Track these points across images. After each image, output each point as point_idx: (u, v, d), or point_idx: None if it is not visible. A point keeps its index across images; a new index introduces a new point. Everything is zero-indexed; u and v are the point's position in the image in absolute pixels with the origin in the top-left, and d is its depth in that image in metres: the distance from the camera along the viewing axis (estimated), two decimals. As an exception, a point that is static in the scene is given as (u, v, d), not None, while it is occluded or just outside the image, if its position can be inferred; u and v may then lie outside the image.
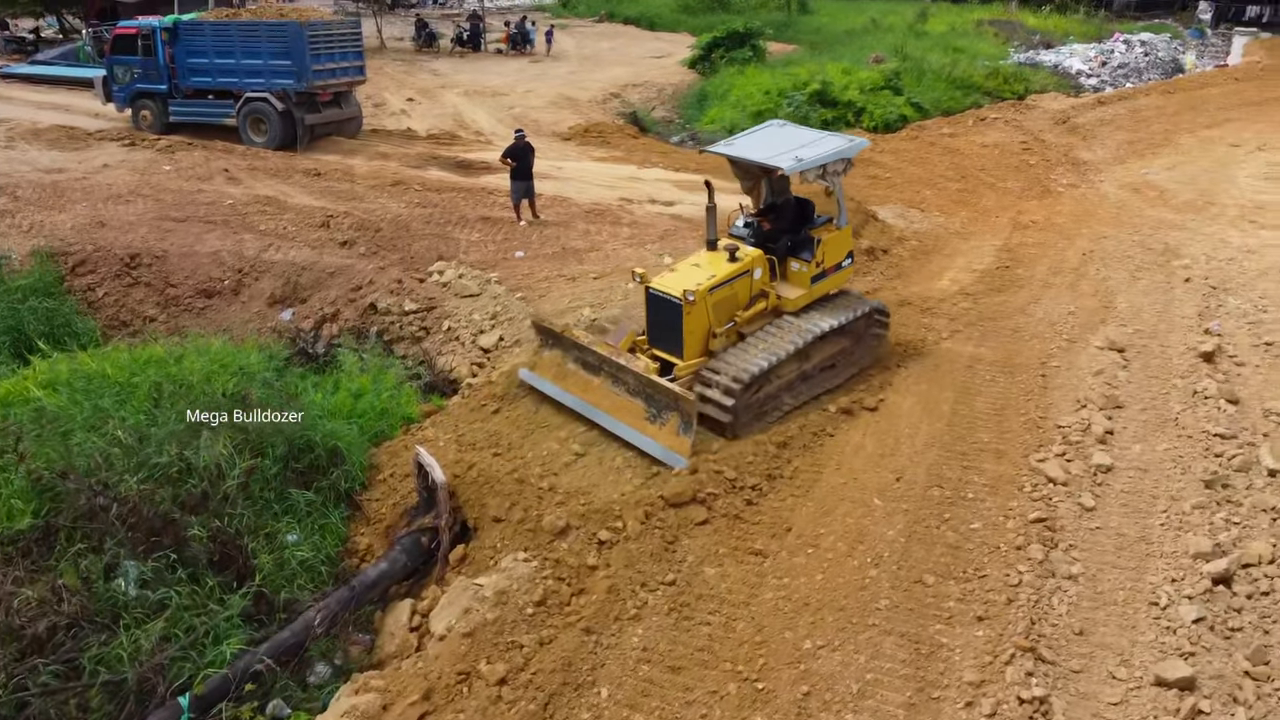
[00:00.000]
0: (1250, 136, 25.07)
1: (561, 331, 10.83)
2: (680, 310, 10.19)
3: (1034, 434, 10.22)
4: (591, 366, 10.52)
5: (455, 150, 21.78)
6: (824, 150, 10.84)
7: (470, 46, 37.42)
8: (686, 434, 9.55)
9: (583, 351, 10.52)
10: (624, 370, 10.06)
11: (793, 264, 11.23)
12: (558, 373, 10.83)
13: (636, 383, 9.97)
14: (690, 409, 9.49)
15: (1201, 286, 14.38)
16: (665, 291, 10.36)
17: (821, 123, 26.99)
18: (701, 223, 17.42)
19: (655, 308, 10.59)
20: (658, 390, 9.73)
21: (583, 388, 10.52)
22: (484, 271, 14.84)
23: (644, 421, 9.88)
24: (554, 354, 11.01)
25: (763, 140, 11.49)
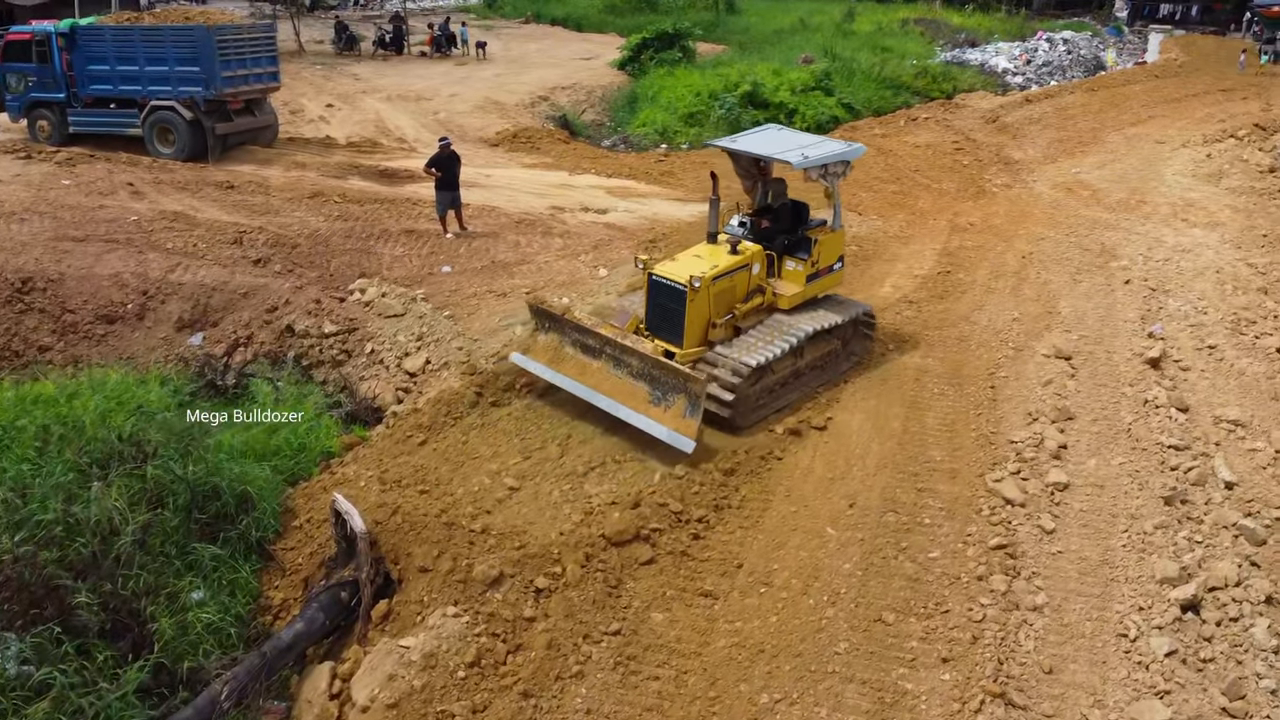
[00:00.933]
0: (1174, 134, 25.37)
1: (563, 314, 10.71)
2: (684, 297, 10.17)
3: (987, 451, 9.85)
4: (591, 350, 10.40)
5: (377, 158, 20.85)
6: (828, 151, 11.14)
7: (393, 49, 36.28)
8: (694, 415, 9.43)
9: (584, 334, 10.39)
10: (628, 352, 9.96)
11: (788, 263, 11.32)
12: (554, 357, 10.69)
13: (641, 365, 9.89)
14: (699, 389, 9.42)
15: (1141, 288, 14.26)
16: (670, 278, 10.33)
17: (753, 124, 26.69)
18: (636, 231, 16.95)
19: (657, 294, 10.53)
20: (664, 372, 9.67)
21: (580, 371, 10.42)
22: (409, 289, 14.06)
23: (647, 405, 9.78)
24: (551, 338, 10.86)
25: (766, 139, 11.87)
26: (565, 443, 10.12)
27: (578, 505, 9.03)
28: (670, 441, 9.44)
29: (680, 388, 9.59)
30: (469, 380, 11.28)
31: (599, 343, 10.31)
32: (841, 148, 11.45)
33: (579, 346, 10.57)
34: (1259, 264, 15.51)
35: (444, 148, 15.74)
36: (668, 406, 9.67)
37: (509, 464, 9.73)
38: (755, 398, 10.46)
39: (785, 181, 11.89)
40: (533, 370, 10.82)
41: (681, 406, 9.56)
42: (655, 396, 9.79)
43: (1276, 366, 11.93)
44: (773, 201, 11.75)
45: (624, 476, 9.53)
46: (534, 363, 10.80)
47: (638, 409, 9.78)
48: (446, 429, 10.42)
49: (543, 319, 11.00)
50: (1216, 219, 18.19)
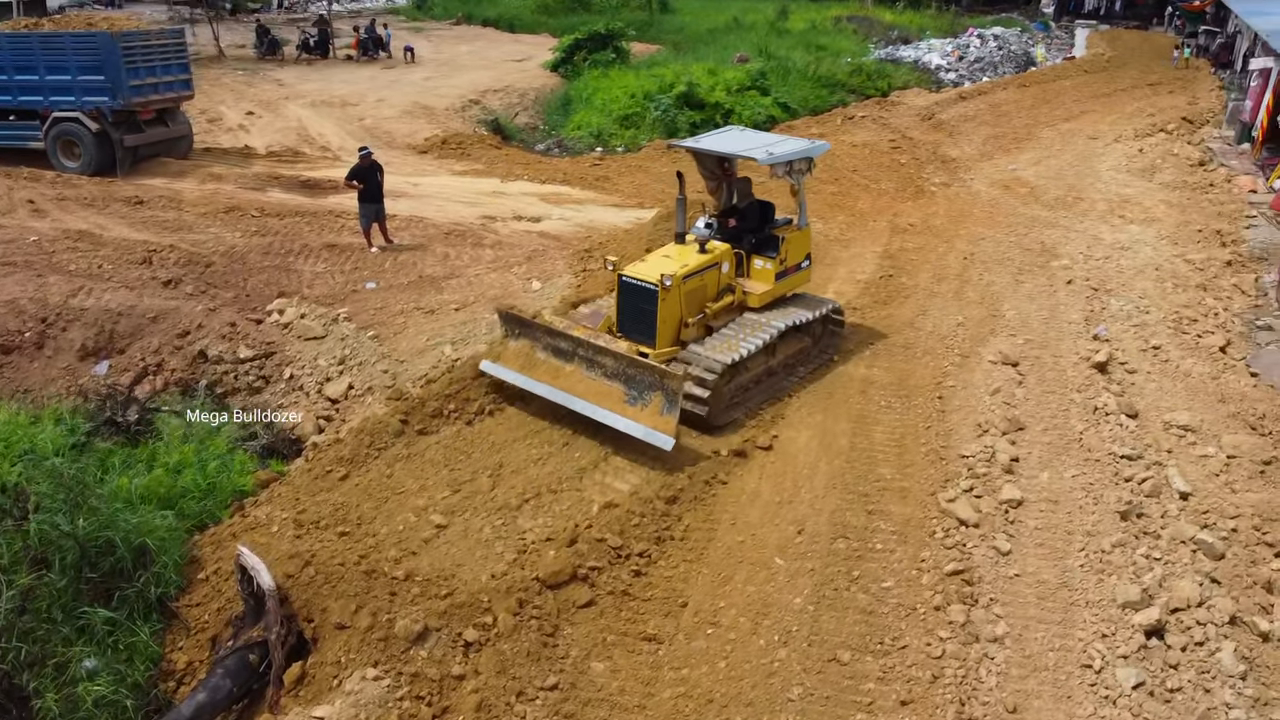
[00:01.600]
0: (1106, 129, 25.55)
1: (533, 318, 10.64)
2: (655, 296, 10.19)
3: (938, 467, 9.48)
4: (564, 353, 10.29)
5: (299, 168, 19.94)
6: (792, 148, 11.23)
7: (318, 53, 35.11)
8: (671, 413, 9.34)
9: (556, 337, 10.30)
10: (603, 353, 9.88)
11: (756, 261, 11.39)
12: (525, 362, 10.54)
13: (616, 365, 9.81)
14: (676, 386, 9.35)
15: (1083, 289, 14.10)
16: (640, 278, 10.33)
17: (690, 125, 26.30)
18: (571, 240, 16.36)
19: (628, 295, 10.51)
20: (640, 370, 9.61)
21: (553, 375, 10.28)
22: (330, 307, 13.30)
23: (624, 405, 9.70)
24: (521, 343, 10.69)
25: (730, 139, 11.93)
26: (497, 473, 9.51)
27: (510, 542, 8.44)
28: (648, 439, 9.33)
29: (656, 385, 9.50)
30: (394, 406, 10.61)
31: (572, 345, 10.18)
32: (805, 145, 11.54)
33: (551, 350, 10.42)
34: (1196, 260, 15.49)
35: (364, 158, 14.98)
36: (644, 405, 9.58)
37: (437, 498, 9.10)
38: (729, 395, 10.47)
39: (750, 181, 11.97)
40: (504, 377, 10.60)
41: (658, 404, 9.47)
42: (631, 396, 9.71)
43: (1219, 366, 11.81)
44: (739, 201, 11.76)
45: (560, 508, 8.96)
46: (505, 369, 10.59)
47: (614, 410, 9.67)
48: (369, 461, 9.74)
49: (513, 324, 10.79)
50: (1152, 215, 18.21)
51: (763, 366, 10.97)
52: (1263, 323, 13.41)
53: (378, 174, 15.12)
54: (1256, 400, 10.98)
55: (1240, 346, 12.50)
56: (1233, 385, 11.34)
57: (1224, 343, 12.38)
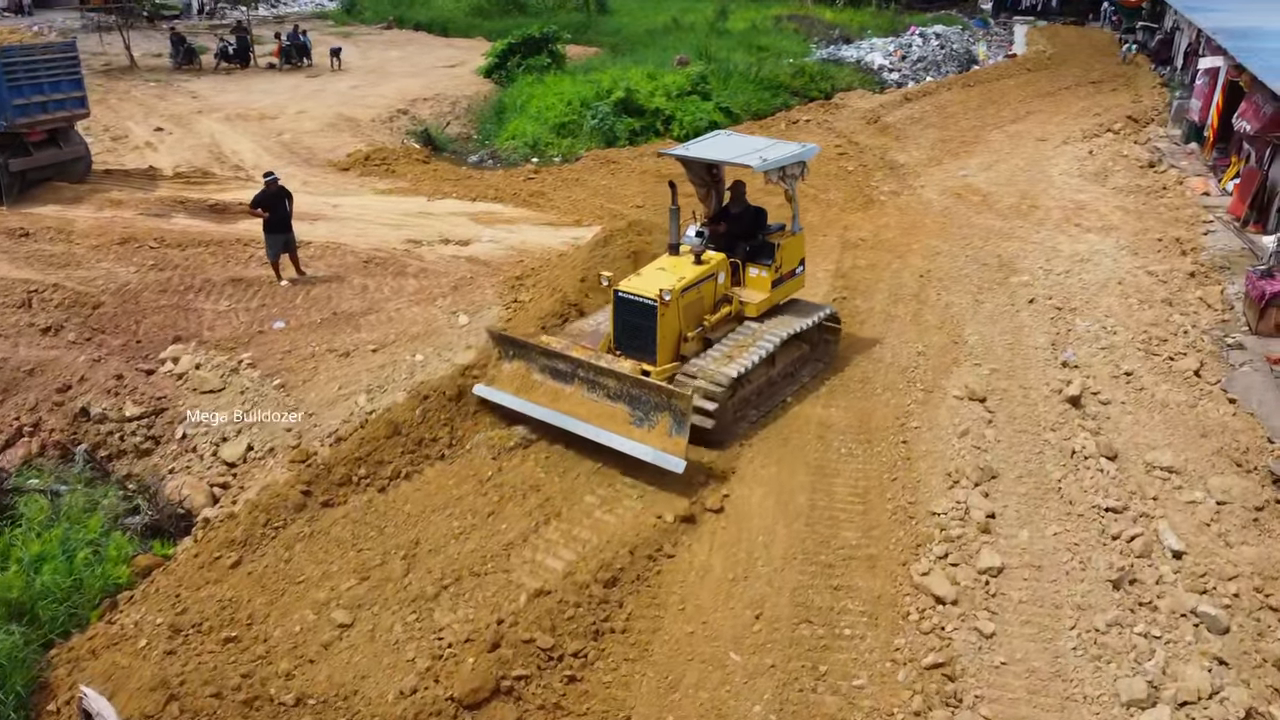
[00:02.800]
0: (1054, 130, 25.02)
1: (528, 340, 10.31)
2: (654, 312, 9.85)
3: (907, 529, 8.52)
4: (563, 375, 9.93)
5: (208, 191, 18.45)
6: (784, 153, 10.94)
7: (237, 62, 33.33)
8: (680, 433, 9.03)
9: (554, 359, 9.95)
10: (604, 374, 9.56)
11: (751, 269, 11.13)
12: (521, 385, 10.13)
13: (619, 386, 9.49)
14: (685, 406, 9.02)
15: (1046, 308, 13.32)
16: (637, 293, 10.00)
17: (629, 133, 25.23)
18: (502, 265, 15.18)
19: (625, 312, 10.17)
20: (646, 390, 9.31)
21: (553, 398, 9.90)
22: (232, 353, 11.99)
23: (629, 427, 9.36)
24: (516, 365, 10.30)
25: (720, 145, 11.58)
26: (412, 553, 8.34)
27: (425, 645, 7.28)
28: (658, 462, 8.97)
29: (664, 405, 9.18)
30: (296, 473, 9.36)
31: (571, 366, 9.82)
32: (797, 149, 11.26)
33: (549, 372, 10.04)
34: (1158, 271, 14.83)
35: (270, 184, 13.65)
36: (651, 426, 9.25)
37: (341, 589, 7.90)
38: (734, 409, 10.11)
39: (744, 186, 11.55)
40: (500, 402, 10.16)
41: (666, 425, 9.15)
42: (637, 417, 9.37)
43: (1196, 393, 11.07)
44: (733, 208, 11.47)
45: (483, 596, 7.83)
46: (501, 393, 10.16)
47: (619, 432, 9.33)
48: (265, 543, 8.50)
49: (507, 346, 10.41)
50: (1109, 221, 17.58)
51: (764, 377, 10.60)
52: (1233, 340, 12.74)
53: (285, 201, 13.82)
54: (1238, 431, 10.24)
55: (1214, 368, 11.80)
56: (1212, 414, 10.59)
57: (1197, 365, 11.67)
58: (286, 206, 13.84)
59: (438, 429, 9.95)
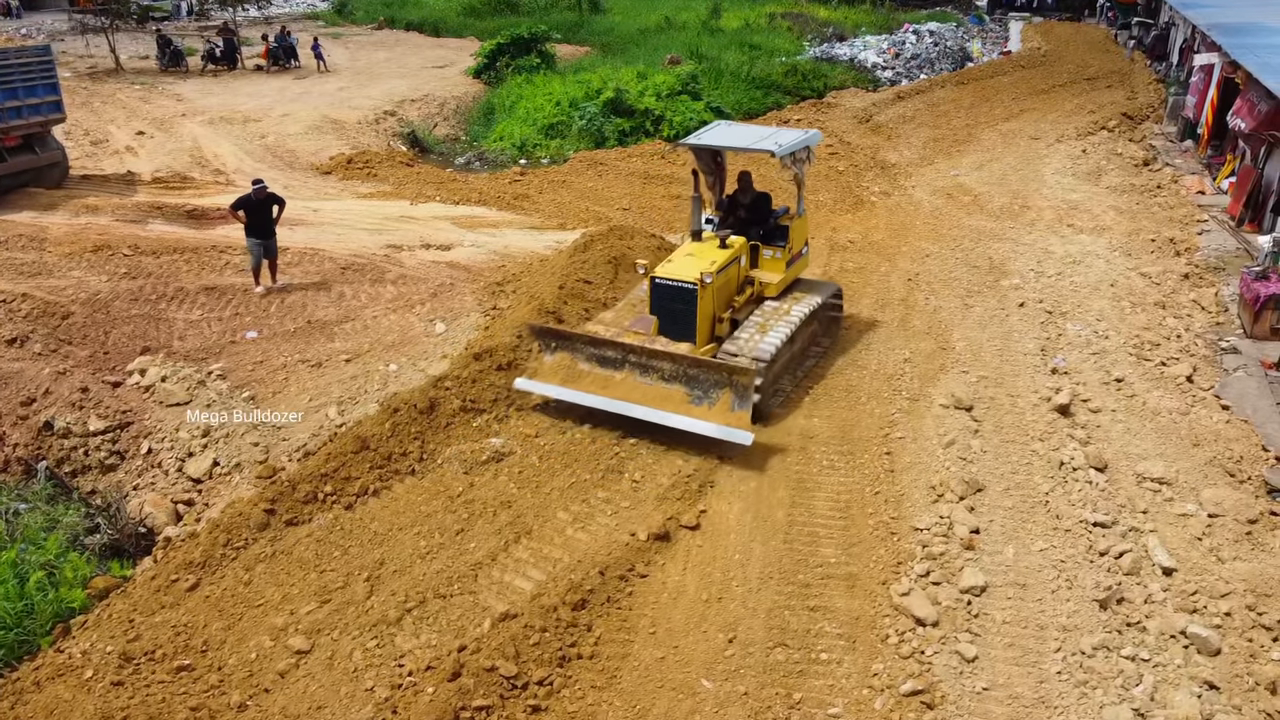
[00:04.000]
0: (1047, 128, 24.74)
1: (575, 331, 10.58)
2: (694, 295, 10.30)
3: (889, 545, 8.24)
4: (612, 362, 10.17)
5: (187, 196, 18.15)
6: (793, 139, 11.43)
7: (224, 64, 33.05)
8: (743, 407, 9.41)
9: (603, 347, 10.20)
10: (659, 357, 9.88)
11: (765, 252, 11.57)
12: (567, 376, 10.31)
13: (675, 368, 9.81)
14: (748, 381, 9.40)
15: (1037, 312, 13.04)
16: (676, 278, 10.41)
17: (619, 133, 24.95)
18: (483, 270, 14.90)
19: (663, 297, 10.50)
20: (705, 370, 9.67)
21: (603, 385, 10.10)
22: (202, 364, 11.72)
23: (689, 406, 9.66)
24: (560, 357, 10.47)
25: (731, 134, 12.18)
26: (376, 574, 8.05)
27: (384, 673, 6.99)
28: (725, 437, 9.29)
29: (724, 383, 9.54)
30: (262, 489, 9.08)
31: (621, 353, 10.10)
32: (802, 135, 11.72)
33: (596, 361, 10.25)
34: (1152, 273, 14.57)
35: (258, 192, 13.46)
36: (711, 404, 9.59)
37: (300, 613, 7.62)
38: (771, 384, 10.42)
39: (750, 174, 12.08)
40: (546, 394, 10.33)
41: (728, 401, 9.50)
42: (695, 397, 9.70)
43: (1188, 400, 10.79)
44: (742, 195, 11.90)
45: (448, 620, 7.54)
46: (546, 385, 10.29)
47: (680, 412, 9.59)
48: (225, 565, 8.21)
49: (549, 339, 10.60)
50: (1102, 222, 17.31)
51: (788, 354, 10.84)
52: (1227, 344, 12.47)
53: (270, 209, 13.59)
54: (1231, 440, 9.97)
55: (1207, 373, 11.53)
56: (1204, 423, 10.31)
57: (1190, 371, 11.40)
58: (269, 213, 13.55)
59: (408, 443, 9.66)
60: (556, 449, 9.78)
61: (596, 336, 10.30)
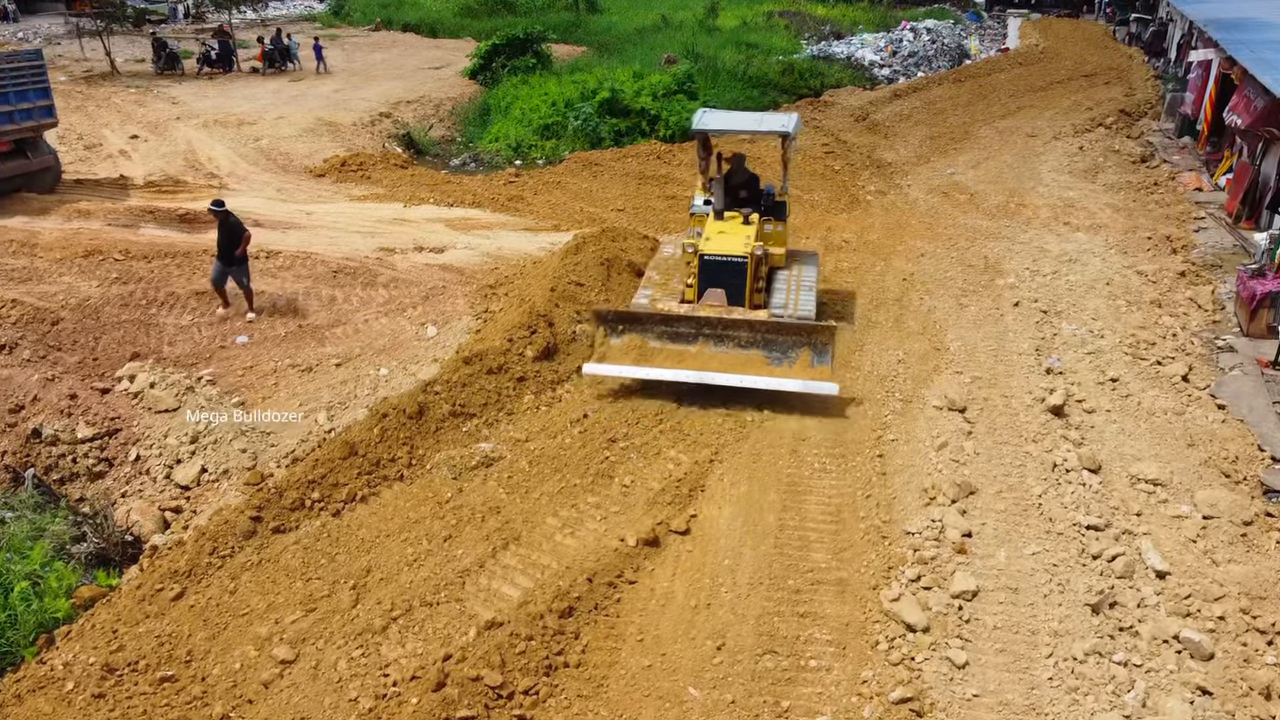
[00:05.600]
0: (1044, 125, 24.66)
1: (645, 311, 11.04)
2: (745, 267, 11.12)
3: (880, 550, 8.16)
4: (685, 336, 10.77)
5: (180, 199, 18.08)
6: (787, 120, 12.32)
7: (220, 67, 32.97)
8: (823, 362, 10.31)
9: (676, 323, 10.78)
10: (738, 325, 10.61)
11: (767, 227, 12.16)
12: (639, 356, 10.74)
13: (752, 335, 10.57)
14: (828, 337, 10.34)
15: (1032, 311, 12.96)
16: (726, 253, 11.20)
17: (614, 134, 24.85)
18: (476, 273, 14.82)
19: (714, 271, 11.19)
20: (784, 332, 10.50)
21: (677, 360, 10.64)
22: (192, 369, 11.66)
23: (769, 368, 10.43)
24: (629, 339, 10.90)
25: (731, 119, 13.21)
26: (363, 582, 7.99)
27: (369, 683, 6.93)
28: (812, 390, 10.14)
29: (803, 342, 10.40)
30: (249, 496, 9.01)
31: (695, 327, 10.73)
32: (789, 118, 12.51)
33: (668, 338, 10.80)
34: (1148, 271, 14.50)
35: (215, 214, 12.81)
36: (791, 363, 10.43)
37: (285, 622, 7.55)
38: None
39: (744, 156, 12.83)
40: (620, 374, 10.73)
41: (807, 358, 10.38)
42: (775, 358, 10.48)
43: (1184, 399, 10.72)
44: (736, 176, 12.54)
45: (434, 628, 7.47)
46: (618, 367, 10.68)
47: (762, 374, 10.30)
48: (211, 573, 8.15)
49: (615, 323, 11.01)
50: (1098, 220, 17.24)
51: None
52: (1223, 342, 12.41)
53: (228, 232, 12.76)
54: (1227, 440, 9.90)
55: (1203, 372, 11.46)
56: (1200, 423, 10.24)
57: (1185, 370, 11.32)
58: (228, 236, 12.76)
59: (396, 449, 9.60)
60: (546, 453, 9.71)
61: (673, 314, 10.88)
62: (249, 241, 13.04)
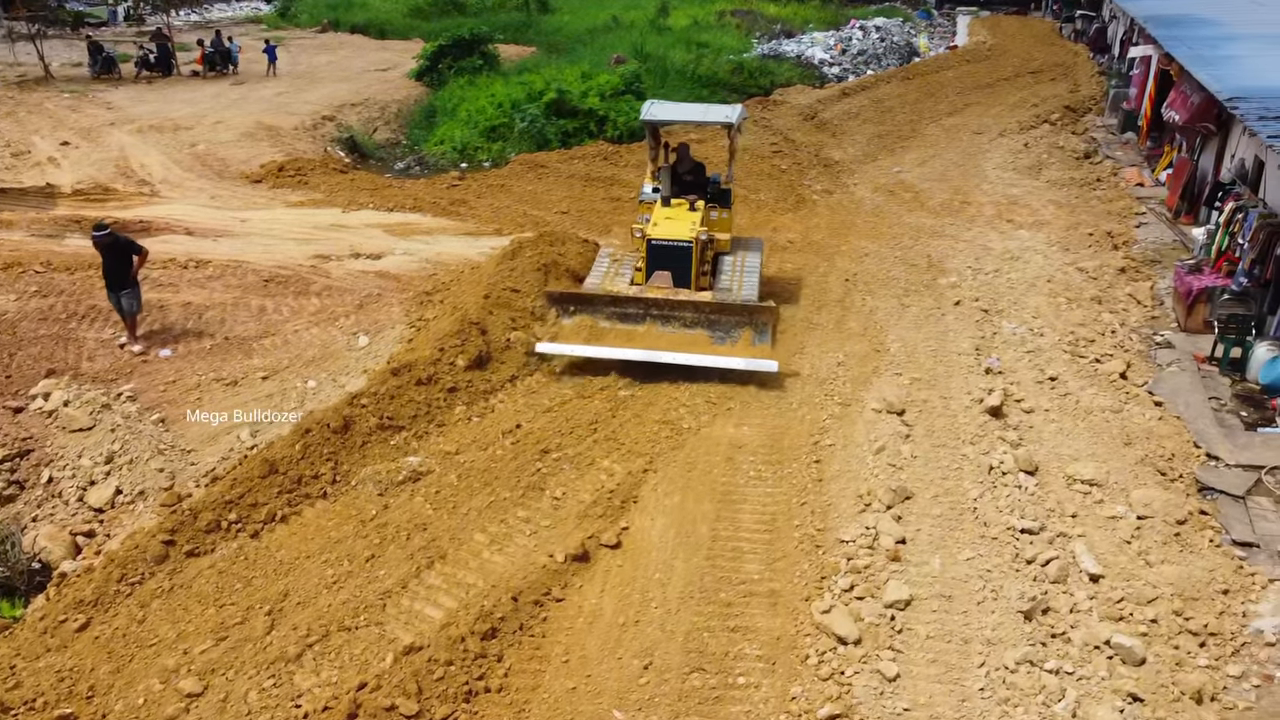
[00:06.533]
0: (990, 122, 24.76)
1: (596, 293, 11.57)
2: (690, 251, 11.54)
3: (813, 559, 8.00)
4: (634, 317, 11.32)
5: (109, 208, 17.48)
6: (736, 111, 12.81)
7: (159, 71, 32.17)
8: (764, 341, 10.98)
9: (626, 304, 11.30)
10: (683, 306, 11.16)
11: (712, 214, 12.50)
12: (590, 335, 11.24)
13: (697, 314, 11.14)
14: (769, 318, 11.06)
15: (973, 310, 12.91)
16: (673, 238, 11.65)
17: (561, 135, 24.58)
18: (413, 279, 14.48)
19: (660, 256, 11.63)
20: (726, 312, 11.09)
21: (626, 339, 11.13)
22: (111, 385, 11.22)
23: (713, 346, 10.99)
24: (580, 319, 11.43)
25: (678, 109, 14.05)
26: (279, 607, 7.67)
27: (279, 715, 6.62)
28: (754, 368, 10.60)
29: (745, 322, 11.00)
30: (162, 519, 8.64)
31: (644, 307, 11.25)
32: (732, 109, 13.10)
33: (617, 318, 11.33)
34: (1089, 268, 14.52)
35: (97, 239, 11.81)
36: (734, 342, 11.01)
37: (194, 653, 7.21)
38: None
39: (688, 145, 13.38)
40: (570, 353, 11.04)
41: (748, 337, 10.99)
42: (718, 338, 11.07)
43: (1121, 397, 10.70)
44: (681, 165, 12.89)
45: (351, 654, 7.18)
46: (570, 346, 11.06)
47: (706, 353, 10.80)
48: (119, 602, 7.78)
49: (567, 303, 11.58)
50: (1041, 217, 17.29)
51: None
52: (1161, 338, 12.44)
53: (114, 255, 11.83)
54: (1163, 438, 9.88)
55: (1141, 369, 11.48)
56: (1137, 420, 10.22)
57: (1124, 367, 11.33)
58: (114, 261, 11.85)
59: (320, 465, 9.27)
60: (476, 466, 9.44)
61: (620, 294, 11.36)
62: (146, 259, 12.24)
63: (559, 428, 10.11)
